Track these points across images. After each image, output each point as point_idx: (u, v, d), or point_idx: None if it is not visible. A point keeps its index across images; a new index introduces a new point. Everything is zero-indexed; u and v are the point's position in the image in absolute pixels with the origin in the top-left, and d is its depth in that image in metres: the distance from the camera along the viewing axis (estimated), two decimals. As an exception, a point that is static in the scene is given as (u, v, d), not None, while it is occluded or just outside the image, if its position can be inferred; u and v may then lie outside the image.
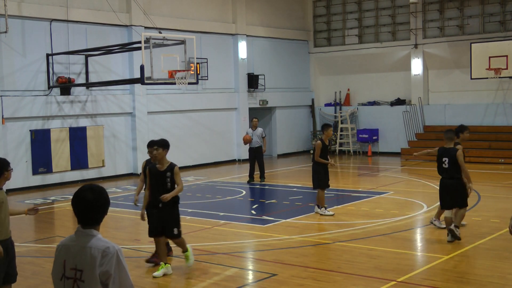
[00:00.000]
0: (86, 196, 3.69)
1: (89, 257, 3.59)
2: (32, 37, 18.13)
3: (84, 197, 3.69)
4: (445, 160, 10.23)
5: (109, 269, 3.57)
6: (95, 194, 3.71)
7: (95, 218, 3.72)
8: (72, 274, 3.64)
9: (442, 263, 8.89)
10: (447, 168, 10.21)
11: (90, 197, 3.69)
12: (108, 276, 3.57)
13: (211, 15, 23.70)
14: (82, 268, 3.60)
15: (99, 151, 19.83)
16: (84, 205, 3.69)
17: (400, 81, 26.11)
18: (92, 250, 3.60)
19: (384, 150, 26.03)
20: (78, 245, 3.67)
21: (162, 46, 16.56)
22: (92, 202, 3.68)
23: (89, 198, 3.68)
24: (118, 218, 13.26)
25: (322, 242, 10.45)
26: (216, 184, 18.26)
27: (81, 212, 3.70)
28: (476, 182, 17.10)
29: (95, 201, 3.69)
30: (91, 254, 3.60)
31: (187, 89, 22.12)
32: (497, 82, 23.09)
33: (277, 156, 26.38)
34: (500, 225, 11.30)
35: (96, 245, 3.62)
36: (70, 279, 3.64)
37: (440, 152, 10.38)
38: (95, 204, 3.69)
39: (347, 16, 27.33)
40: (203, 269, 9.00)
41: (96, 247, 3.61)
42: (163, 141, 8.71)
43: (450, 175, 10.20)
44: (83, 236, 3.69)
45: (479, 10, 23.88)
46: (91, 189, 3.72)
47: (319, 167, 13.04)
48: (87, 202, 3.68)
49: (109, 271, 3.57)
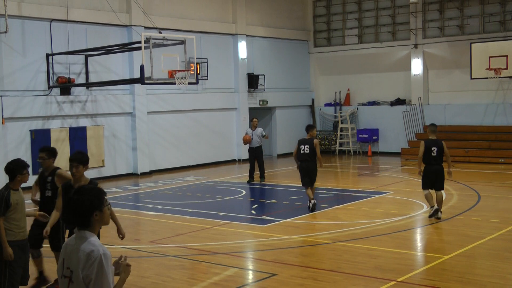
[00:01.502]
0: (74, 200, 3.72)
1: (77, 260, 3.64)
2: (32, 37, 18.13)
3: (70, 200, 3.73)
4: (433, 149, 12.04)
5: (90, 273, 3.59)
6: (80, 196, 3.71)
7: (81, 221, 3.72)
8: (68, 273, 3.71)
9: (442, 263, 8.89)
10: (436, 156, 12.06)
11: (75, 199, 3.70)
12: (89, 280, 3.59)
13: (211, 15, 23.70)
14: (72, 269, 3.67)
15: (99, 151, 19.82)
16: (70, 207, 3.72)
17: (400, 81, 26.11)
18: (79, 253, 3.64)
19: (384, 150, 26.03)
20: (73, 246, 3.73)
21: (162, 46, 16.56)
22: (76, 205, 3.69)
23: (74, 200, 3.70)
24: (118, 218, 13.23)
25: (322, 242, 10.44)
26: (216, 184, 18.26)
27: (70, 214, 3.75)
28: (476, 182, 17.13)
29: (79, 204, 3.69)
30: (78, 257, 3.64)
31: (187, 89, 22.12)
32: (497, 82, 23.09)
33: (277, 156, 26.38)
34: (500, 225, 11.30)
35: (84, 248, 3.64)
36: (66, 278, 3.72)
37: (428, 144, 12.14)
38: (78, 207, 3.69)
39: (347, 16, 27.33)
40: (203, 269, 9.00)
41: (83, 250, 3.64)
42: (82, 156, 7.33)
43: (438, 161, 12.11)
44: (78, 238, 3.73)
45: (479, 10, 23.88)
46: (79, 191, 3.75)
47: (315, 164, 13.33)
48: (72, 204, 3.71)
49: (90, 275, 3.59)
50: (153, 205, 14.63)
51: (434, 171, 12.05)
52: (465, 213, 12.63)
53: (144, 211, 13.99)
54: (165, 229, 11.99)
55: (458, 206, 13.49)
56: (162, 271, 8.87)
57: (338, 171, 21.89)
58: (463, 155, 22.39)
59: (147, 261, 9.47)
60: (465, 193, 15.24)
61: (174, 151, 22.30)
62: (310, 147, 13.27)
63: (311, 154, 13.25)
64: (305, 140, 13.53)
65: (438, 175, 12.05)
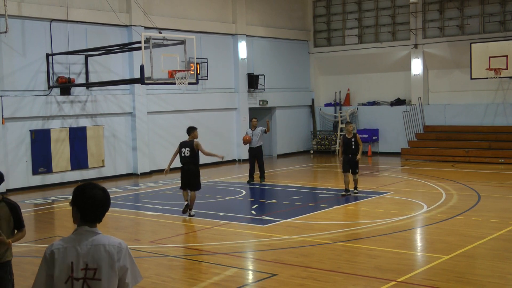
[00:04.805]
0: (97, 194, 3.69)
1: (105, 254, 3.62)
2: (32, 37, 18.13)
3: (95, 196, 3.68)
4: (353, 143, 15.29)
5: (125, 263, 3.68)
6: (105, 192, 3.74)
7: (102, 216, 3.75)
8: (82, 274, 3.61)
9: (442, 263, 8.88)
10: (354, 148, 15.19)
11: (101, 195, 3.70)
12: (125, 270, 3.67)
13: (211, 15, 23.70)
14: (96, 267, 3.61)
15: (99, 151, 19.83)
16: (96, 203, 3.68)
17: (400, 81, 26.11)
18: (107, 247, 3.64)
19: (384, 150, 26.03)
20: (86, 244, 3.64)
21: (162, 46, 16.56)
22: (103, 200, 3.71)
23: (101, 197, 3.69)
24: (118, 218, 13.26)
25: (322, 242, 10.44)
26: (216, 184, 18.26)
27: (90, 210, 3.68)
28: (476, 182, 17.13)
29: (105, 200, 3.72)
30: (107, 251, 3.63)
31: (187, 89, 22.12)
32: (497, 82, 23.09)
33: (277, 156, 26.38)
34: (500, 225, 11.30)
35: (109, 242, 3.66)
36: (80, 280, 3.61)
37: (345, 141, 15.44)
38: (105, 202, 3.72)
39: (347, 16, 27.33)
40: (203, 269, 9.00)
41: (110, 243, 3.66)
42: None
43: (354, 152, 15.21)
44: (89, 235, 3.67)
45: (479, 10, 23.88)
46: (98, 187, 3.73)
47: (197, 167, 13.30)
48: (99, 200, 3.68)
49: (126, 265, 3.68)
50: (153, 205, 14.63)
51: (350, 160, 15.29)
52: (465, 213, 12.63)
53: (144, 211, 13.99)
54: (165, 229, 11.99)
55: (458, 206, 13.49)
56: (162, 271, 8.87)
57: (338, 171, 21.85)
58: (463, 155, 22.39)
59: (147, 261, 9.47)
60: (465, 193, 15.24)
61: (174, 151, 22.24)
62: (191, 149, 13.10)
63: (192, 156, 13.08)
64: (185, 143, 13.28)
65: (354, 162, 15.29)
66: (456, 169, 20.40)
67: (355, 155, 15.20)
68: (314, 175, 21.17)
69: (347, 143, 15.37)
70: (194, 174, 13.14)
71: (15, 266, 9.27)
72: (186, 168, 13.11)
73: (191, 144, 13.23)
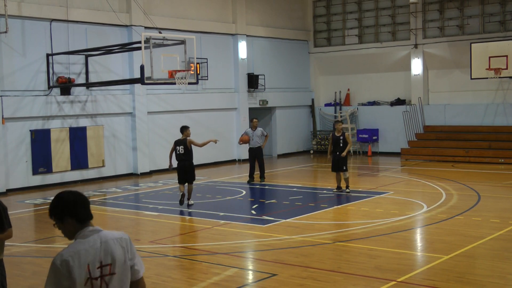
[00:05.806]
0: (73, 194, 3.76)
1: (116, 247, 3.71)
2: (32, 37, 18.13)
3: (74, 195, 3.75)
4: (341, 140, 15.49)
5: (133, 251, 3.82)
6: (73, 191, 3.82)
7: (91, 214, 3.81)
8: (98, 273, 3.62)
9: (442, 263, 8.88)
10: (342, 146, 15.40)
11: (76, 193, 3.78)
12: (134, 258, 3.82)
13: (211, 15, 23.71)
14: (110, 262, 3.66)
15: (99, 151, 19.83)
16: (81, 200, 3.75)
17: (400, 81, 26.12)
18: (120, 241, 3.74)
19: (384, 150, 26.04)
20: (96, 242, 3.65)
21: (162, 46, 16.56)
22: (82, 195, 3.79)
23: (78, 194, 3.78)
24: (118, 218, 13.27)
25: (322, 242, 10.44)
26: (216, 184, 18.26)
27: (82, 209, 3.72)
28: (476, 182, 17.13)
29: (82, 195, 3.81)
30: (117, 244, 3.72)
31: (187, 89, 22.12)
32: (497, 82, 23.09)
33: (277, 156, 26.39)
34: (500, 225, 11.30)
35: (115, 235, 3.76)
36: (97, 279, 3.62)
37: (334, 138, 15.56)
38: (85, 197, 3.81)
39: (347, 16, 27.33)
40: (203, 269, 9.00)
41: (116, 236, 3.75)
42: None
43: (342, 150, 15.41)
44: (95, 233, 3.70)
45: (479, 10, 23.88)
46: (66, 191, 3.79)
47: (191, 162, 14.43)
48: (80, 197, 3.76)
49: (134, 253, 3.83)
50: (153, 205, 14.63)
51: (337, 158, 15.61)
52: (465, 213, 12.63)
53: (144, 211, 13.99)
54: (165, 229, 12.00)
55: (458, 206, 13.49)
56: (162, 271, 8.87)
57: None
58: (463, 155, 22.40)
59: (147, 261, 9.46)
60: (465, 193, 15.24)
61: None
62: (184, 147, 14.13)
63: (186, 153, 14.14)
64: (179, 141, 14.28)
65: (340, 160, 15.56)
66: (456, 169, 20.41)
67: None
68: (314, 175, 21.17)
69: (335, 141, 15.63)
70: (189, 168, 14.27)
71: (16, 266, 9.30)
72: (182, 164, 14.23)
73: (185, 142, 14.22)
